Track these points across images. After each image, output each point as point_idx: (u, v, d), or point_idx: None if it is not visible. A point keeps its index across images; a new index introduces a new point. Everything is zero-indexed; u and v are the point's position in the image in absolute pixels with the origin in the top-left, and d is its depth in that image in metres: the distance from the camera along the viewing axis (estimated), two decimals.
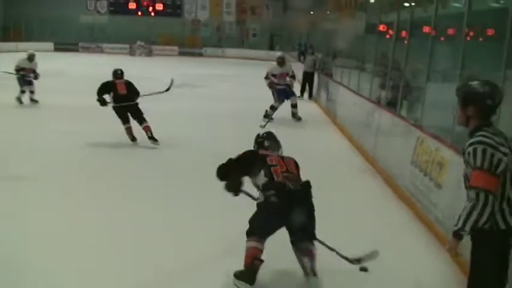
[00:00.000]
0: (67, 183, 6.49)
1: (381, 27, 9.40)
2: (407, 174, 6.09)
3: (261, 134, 4.75)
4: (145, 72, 10.53)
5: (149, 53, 39.00)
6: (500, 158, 2.80)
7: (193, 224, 5.23)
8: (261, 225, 4.01)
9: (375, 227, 5.37)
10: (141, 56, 37.82)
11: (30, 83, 12.55)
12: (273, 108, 11.61)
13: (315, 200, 4.08)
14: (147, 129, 8.59)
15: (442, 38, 7.03)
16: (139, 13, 43.17)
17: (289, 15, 35.86)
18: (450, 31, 6.97)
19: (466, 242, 2.97)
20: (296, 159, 4.43)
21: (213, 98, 14.92)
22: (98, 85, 8.78)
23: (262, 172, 4.20)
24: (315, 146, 9.27)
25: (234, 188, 4.36)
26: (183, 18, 43.46)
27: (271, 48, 40.71)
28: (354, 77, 10.90)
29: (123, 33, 40.37)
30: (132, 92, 8.69)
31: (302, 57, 20.81)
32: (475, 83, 3.01)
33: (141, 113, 8.59)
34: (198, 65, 29.08)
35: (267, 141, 4.59)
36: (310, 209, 4.06)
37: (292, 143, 7.12)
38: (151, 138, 8.56)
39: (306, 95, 16.07)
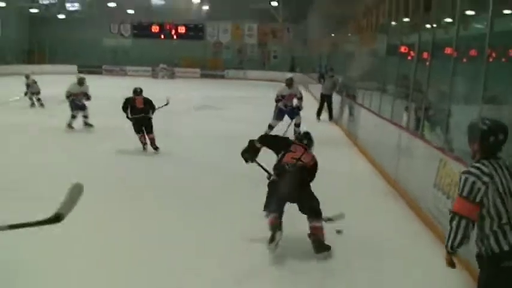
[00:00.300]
0: (99, 195, 6.56)
1: (402, 49, 9.38)
2: (430, 197, 6.01)
3: (301, 133, 6.11)
4: (167, 94, 10.69)
5: (172, 75, 39.43)
6: (480, 187, 2.96)
7: (211, 231, 5.62)
8: (269, 201, 5.05)
9: (398, 249, 5.33)
10: (163, 79, 38.22)
11: (82, 108, 12.58)
12: (270, 127, 12.08)
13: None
14: (152, 140, 10.02)
15: (464, 60, 6.99)
16: (162, 36, 43.89)
17: (310, 38, 36.08)
18: (472, 52, 6.92)
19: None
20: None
21: (233, 120, 14.93)
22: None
23: (280, 154, 5.26)
24: (336, 167, 9.13)
25: (247, 155, 5.56)
26: (205, 41, 44.11)
27: (292, 70, 40.73)
28: (375, 99, 10.86)
29: (146, 55, 41.19)
30: (148, 107, 9.98)
31: (322, 80, 20.83)
32: (481, 121, 3.16)
33: (152, 126, 9.94)
34: (219, 87, 29.39)
35: (303, 138, 5.60)
36: (303, 187, 4.99)
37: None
38: (154, 147, 10.01)
39: (324, 116, 16.05)
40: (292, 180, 4.90)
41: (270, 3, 40.88)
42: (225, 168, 8.54)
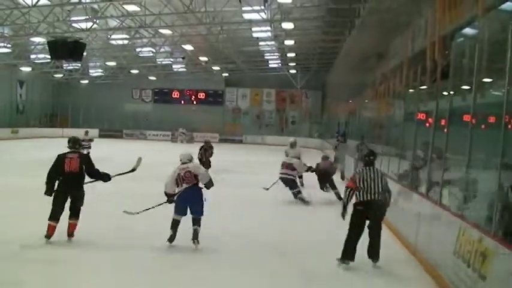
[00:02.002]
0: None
1: (420, 116, 9.43)
2: (450, 265, 5.91)
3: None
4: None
5: (190, 140, 39.79)
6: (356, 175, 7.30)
7: None
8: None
9: None
10: (182, 143, 38.67)
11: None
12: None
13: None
14: None
15: (483, 126, 7.02)
16: (182, 102, 44.91)
17: (328, 103, 36.46)
18: (491, 119, 6.96)
19: None
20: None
21: (252, 185, 14.67)
22: (144, 171, 9.28)
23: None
24: None
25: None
26: (224, 107, 44.98)
27: (311, 135, 41.31)
28: (393, 164, 10.83)
29: (165, 120, 42.14)
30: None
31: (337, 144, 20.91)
32: (369, 150, 6.90)
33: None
34: (238, 152, 29.53)
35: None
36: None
37: (330, 229, 7.06)
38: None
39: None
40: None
41: (288, 71, 41.77)
42: (250, 237, 8.44)
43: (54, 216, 7.64)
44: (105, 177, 8.14)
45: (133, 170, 8.74)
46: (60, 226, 7.65)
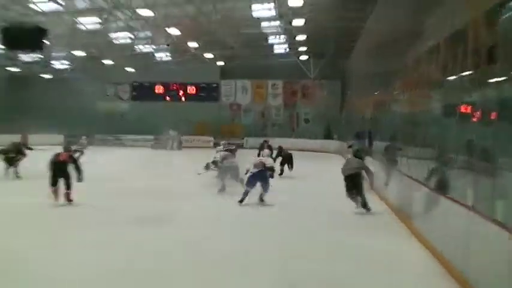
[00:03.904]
0: None
1: (463, 109, 9.33)
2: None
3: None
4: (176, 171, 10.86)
5: (179, 146, 39.52)
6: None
7: None
8: None
9: None
10: (171, 150, 38.42)
11: None
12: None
13: None
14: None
15: None
16: (168, 98, 44.95)
17: (349, 97, 35.93)
18: None
19: None
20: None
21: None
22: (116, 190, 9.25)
23: None
24: (391, 262, 9.23)
25: None
26: (219, 104, 44.99)
27: (328, 137, 41.10)
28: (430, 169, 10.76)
29: (147, 122, 41.53)
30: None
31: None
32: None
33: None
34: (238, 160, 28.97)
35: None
36: None
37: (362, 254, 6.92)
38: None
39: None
40: None
41: (298, 58, 41.49)
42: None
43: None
44: None
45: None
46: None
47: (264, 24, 31.86)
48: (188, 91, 45.05)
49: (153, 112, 42.75)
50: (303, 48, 39.31)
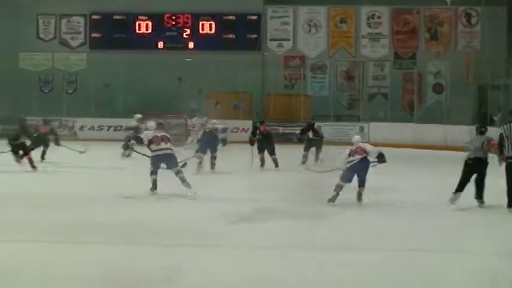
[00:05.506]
0: None
1: None
2: None
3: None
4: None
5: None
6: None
7: None
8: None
9: None
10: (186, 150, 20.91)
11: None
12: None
13: None
14: None
15: None
16: (160, 45, 31.82)
17: None
18: None
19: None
20: None
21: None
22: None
23: None
24: None
25: None
26: (263, 55, 29.94)
27: (484, 118, 25.73)
28: None
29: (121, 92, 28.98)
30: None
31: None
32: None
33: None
34: None
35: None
36: None
37: None
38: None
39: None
40: None
41: None
42: None
43: None
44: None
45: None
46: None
47: None
48: (200, 29, 28.80)
49: (130, 72, 27.74)
50: None
